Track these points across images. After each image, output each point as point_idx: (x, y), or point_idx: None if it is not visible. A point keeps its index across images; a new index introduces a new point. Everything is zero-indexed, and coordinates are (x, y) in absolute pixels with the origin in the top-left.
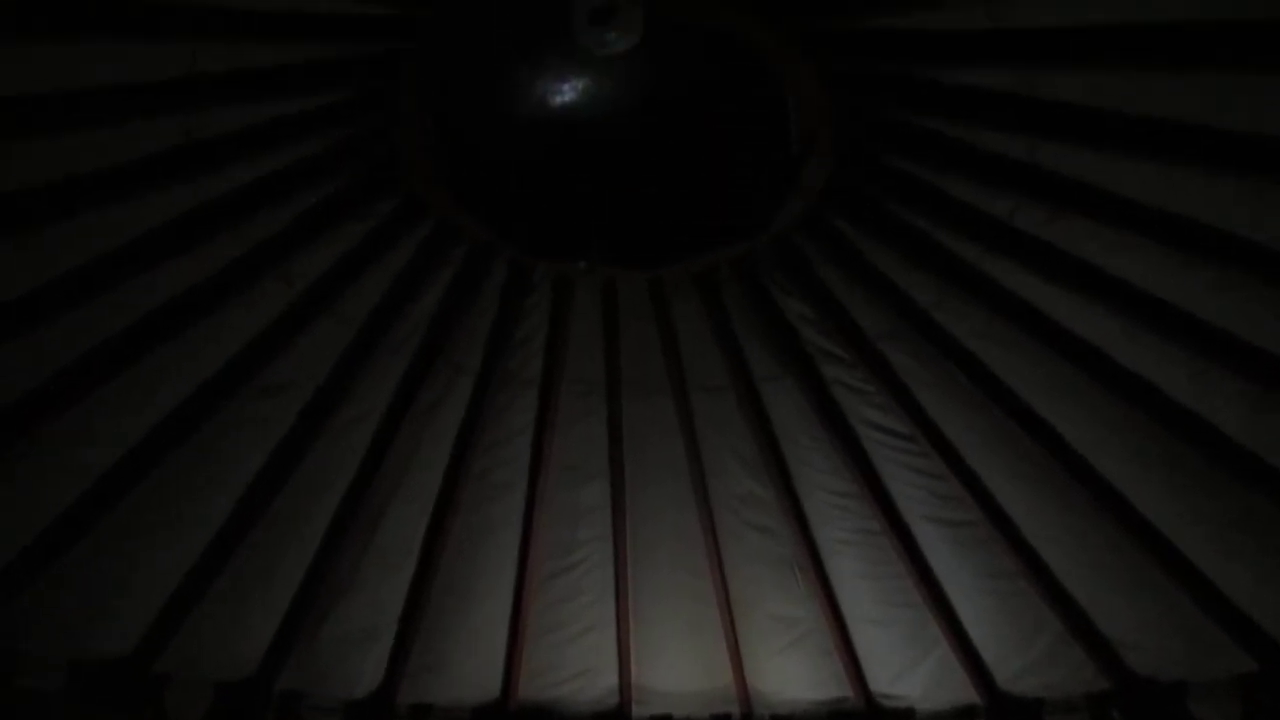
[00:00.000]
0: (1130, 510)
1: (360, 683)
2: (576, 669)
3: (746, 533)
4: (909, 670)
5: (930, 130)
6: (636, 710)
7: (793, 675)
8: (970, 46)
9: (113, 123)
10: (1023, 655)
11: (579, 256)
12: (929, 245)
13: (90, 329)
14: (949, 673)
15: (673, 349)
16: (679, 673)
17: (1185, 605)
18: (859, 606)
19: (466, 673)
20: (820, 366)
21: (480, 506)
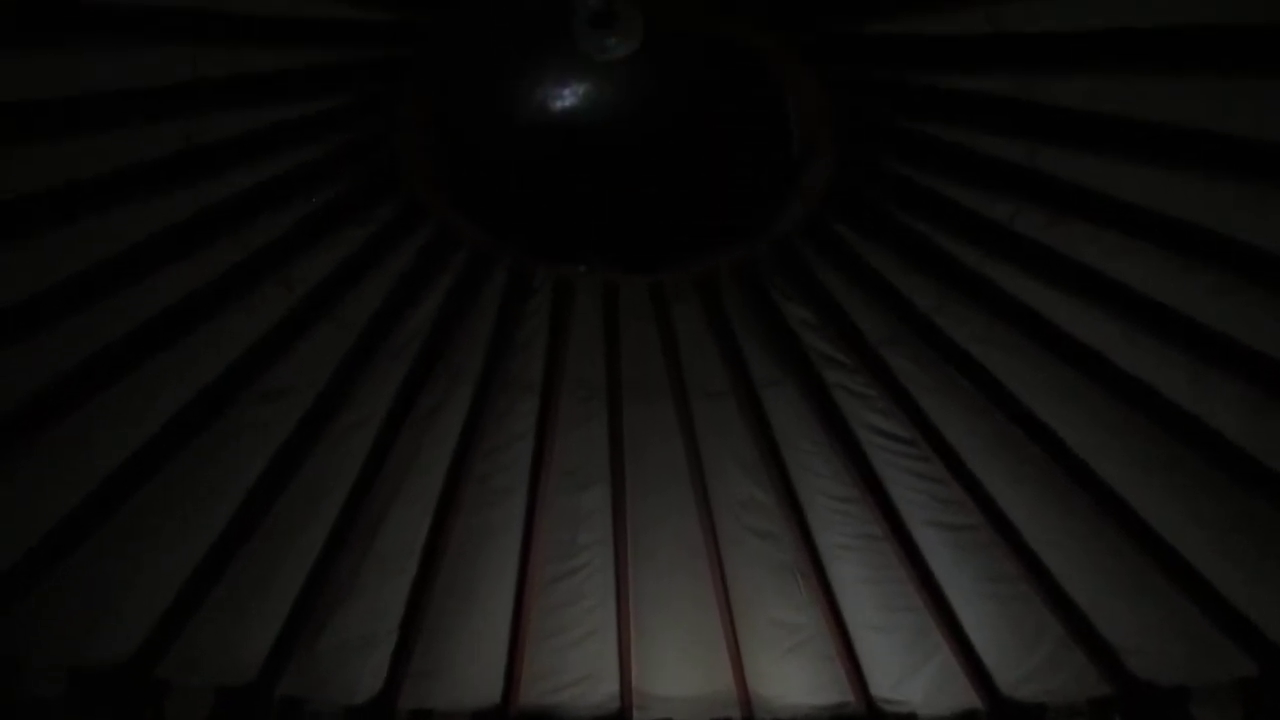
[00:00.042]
0: (1131, 514)
1: (361, 688)
2: (578, 674)
3: (747, 537)
4: (910, 675)
5: (930, 135)
6: (638, 715)
7: (794, 680)
8: (970, 51)
9: (113, 128)
10: (1024, 660)
11: (579, 261)
12: (929, 249)
13: (90, 335)
14: (950, 678)
15: (673, 353)
16: (680, 678)
17: (1186, 609)
18: (860, 611)
19: (467, 678)
20: (821, 371)
21: (481, 511)
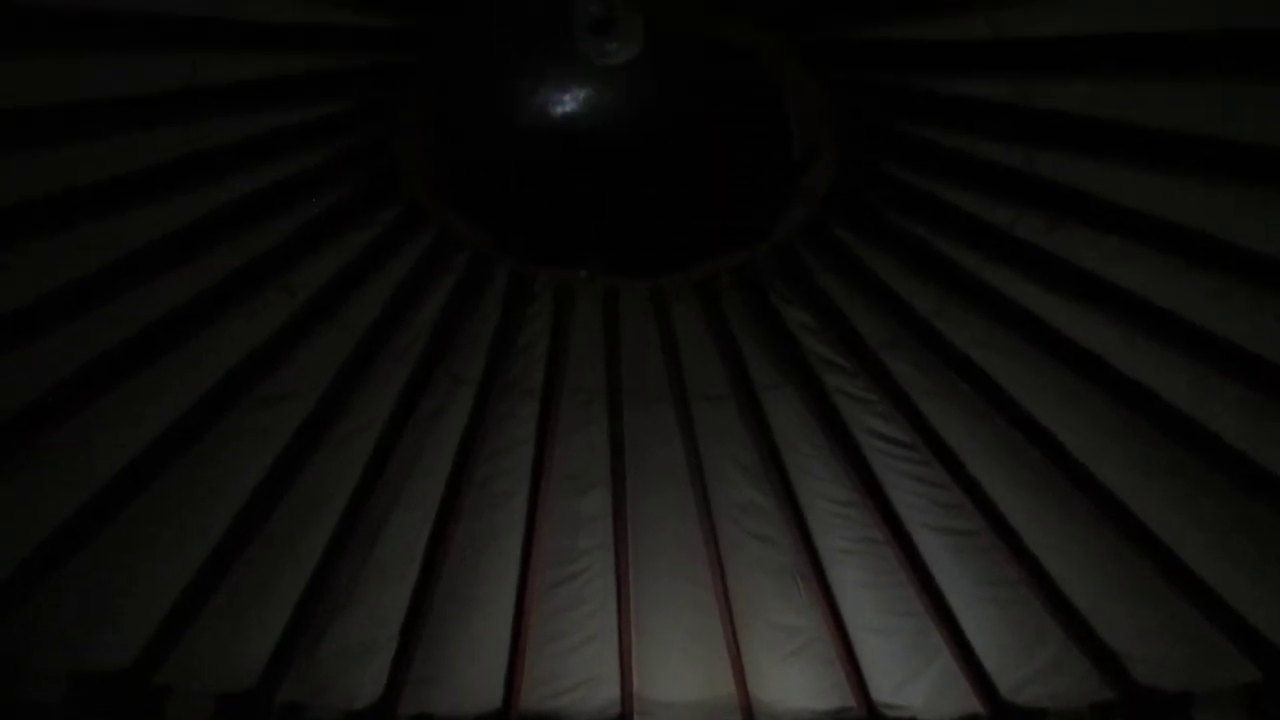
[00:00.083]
0: (1132, 518)
1: (361, 694)
2: (578, 679)
3: (748, 542)
4: (911, 680)
5: (930, 139)
6: None
7: (795, 685)
8: (970, 56)
9: (113, 133)
10: (1026, 665)
11: (580, 265)
12: (930, 254)
13: (90, 340)
14: (951, 682)
15: (674, 357)
16: (681, 682)
17: (1188, 613)
18: (861, 616)
19: (468, 682)
20: (821, 375)
21: (482, 515)
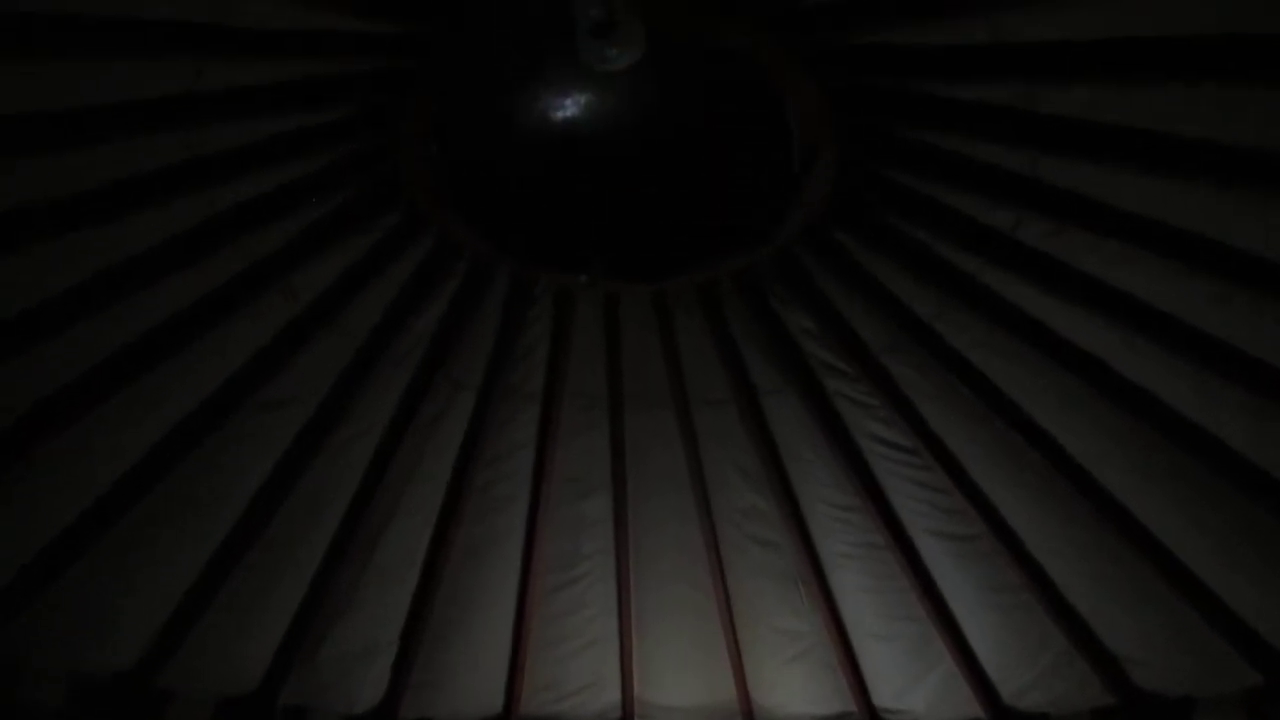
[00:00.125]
0: (1134, 523)
1: (362, 698)
2: (579, 683)
3: (749, 546)
4: (913, 685)
5: (930, 144)
6: None
7: (796, 689)
8: (970, 60)
9: (115, 139)
10: (1028, 670)
11: (581, 270)
12: (930, 257)
13: (92, 345)
14: (953, 688)
15: (674, 362)
16: (682, 687)
17: (1190, 618)
18: (862, 621)
19: (469, 687)
20: (822, 379)
21: (483, 519)
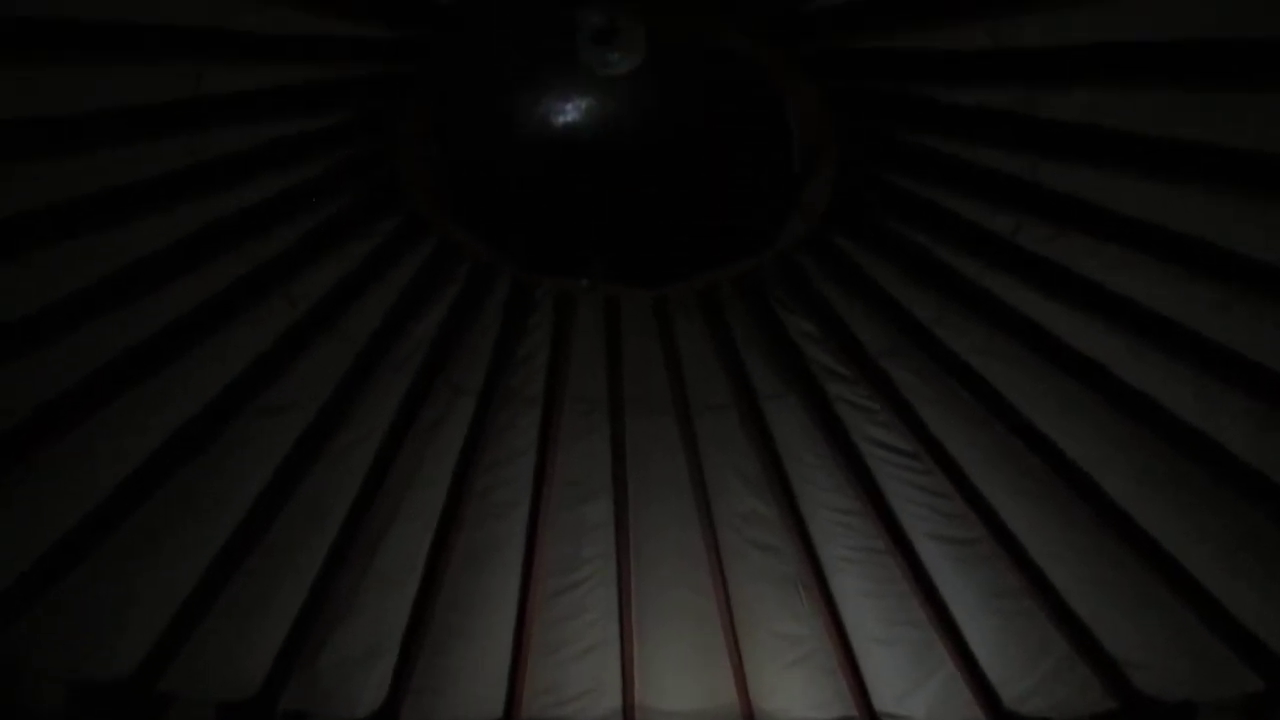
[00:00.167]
0: (1135, 528)
1: (363, 702)
2: (580, 688)
3: (750, 551)
4: (914, 690)
5: (930, 148)
6: None
7: (797, 694)
8: (971, 66)
9: (117, 144)
10: (1029, 675)
11: (581, 274)
12: (930, 262)
13: (93, 350)
14: (954, 692)
15: (675, 367)
16: (683, 692)
17: (1191, 624)
18: (863, 625)
19: (470, 692)
20: (823, 383)
21: (483, 524)
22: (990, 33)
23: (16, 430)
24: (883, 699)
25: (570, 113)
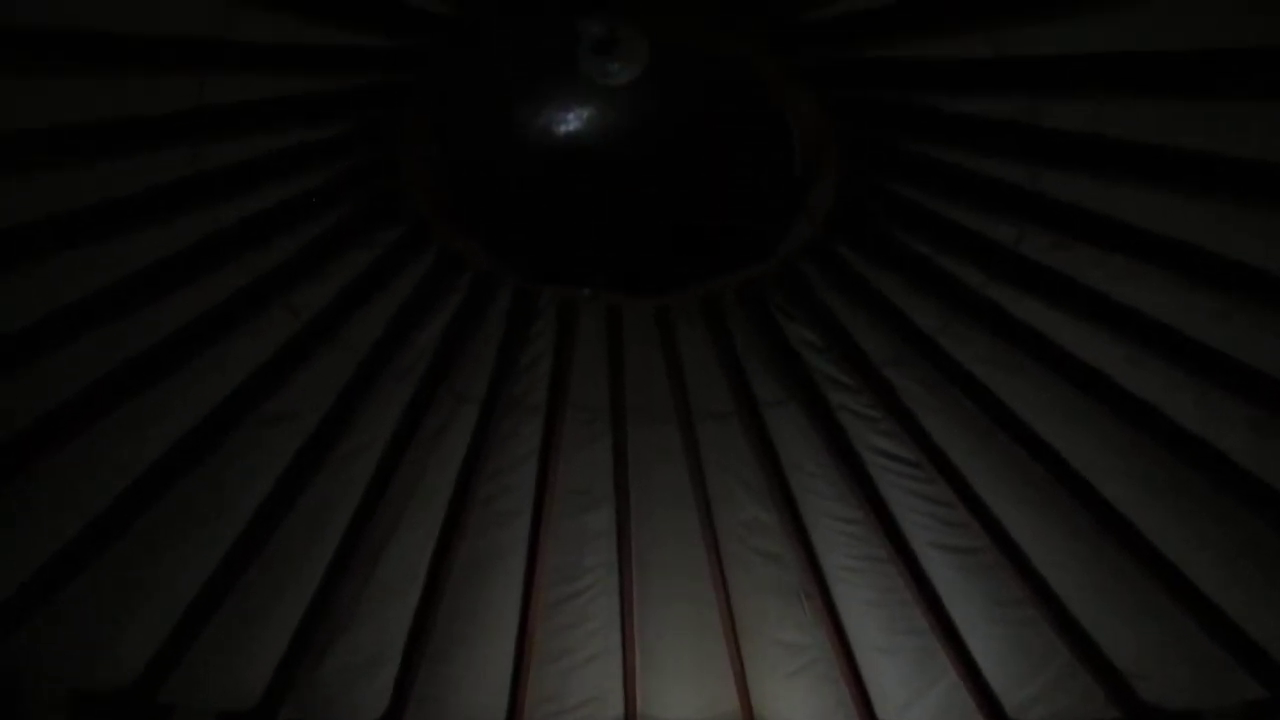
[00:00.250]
0: (1137, 536)
1: (365, 711)
2: (583, 697)
3: (752, 559)
4: (917, 698)
5: (932, 157)
6: None
7: (799, 703)
8: (972, 75)
9: (118, 155)
10: (1031, 683)
11: (584, 283)
12: (933, 271)
13: (93, 361)
14: (957, 701)
15: (678, 375)
16: (685, 700)
17: (1193, 631)
18: (866, 634)
19: (472, 701)
20: (825, 392)
21: (486, 533)
22: (992, 42)
23: (17, 440)
24: (885, 708)
25: (571, 122)
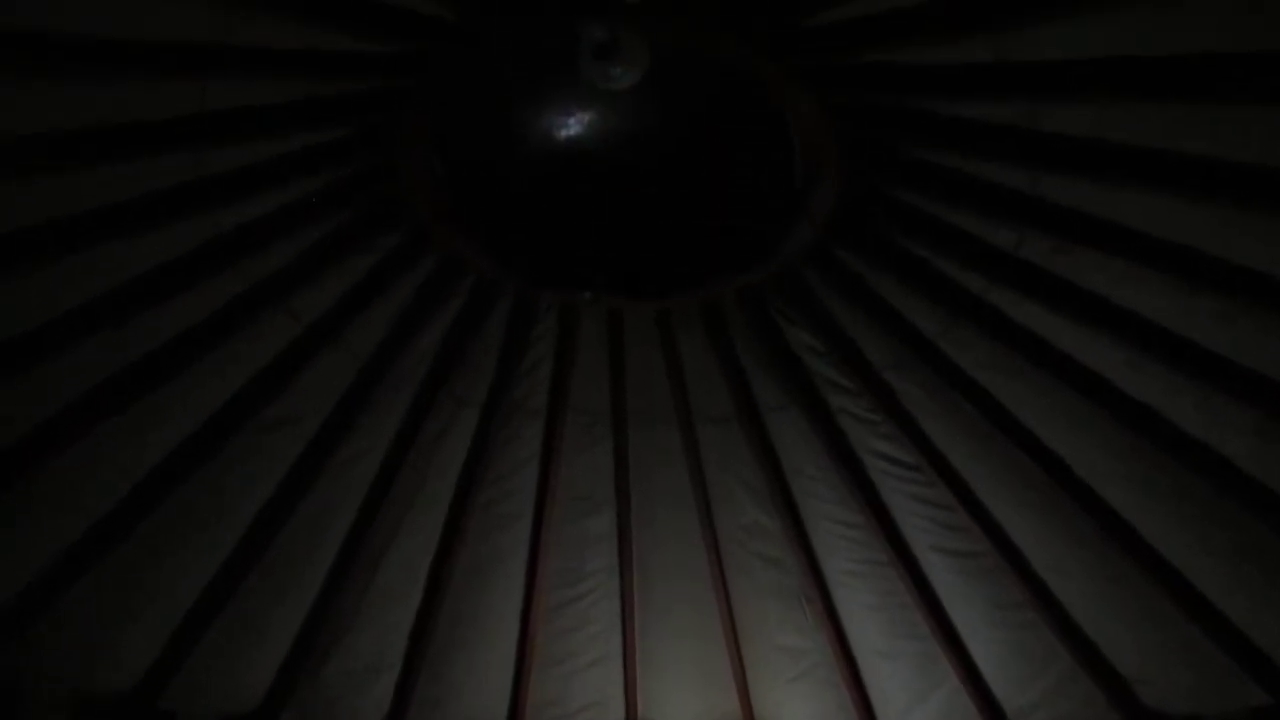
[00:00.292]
0: (1139, 541)
1: (366, 716)
2: (584, 701)
3: (753, 563)
4: (918, 703)
5: (933, 162)
6: None
7: (800, 707)
8: (974, 79)
9: (120, 160)
10: (1032, 688)
11: (585, 288)
12: (933, 275)
13: (94, 365)
14: (958, 706)
15: (678, 379)
16: (686, 704)
17: (1195, 637)
18: (867, 638)
19: (473, 705)
20: (826, 396)
21: (487, 537)
22: (992, 46)
23: (18, 445)
24: (886, 713)
25: (572, 126)
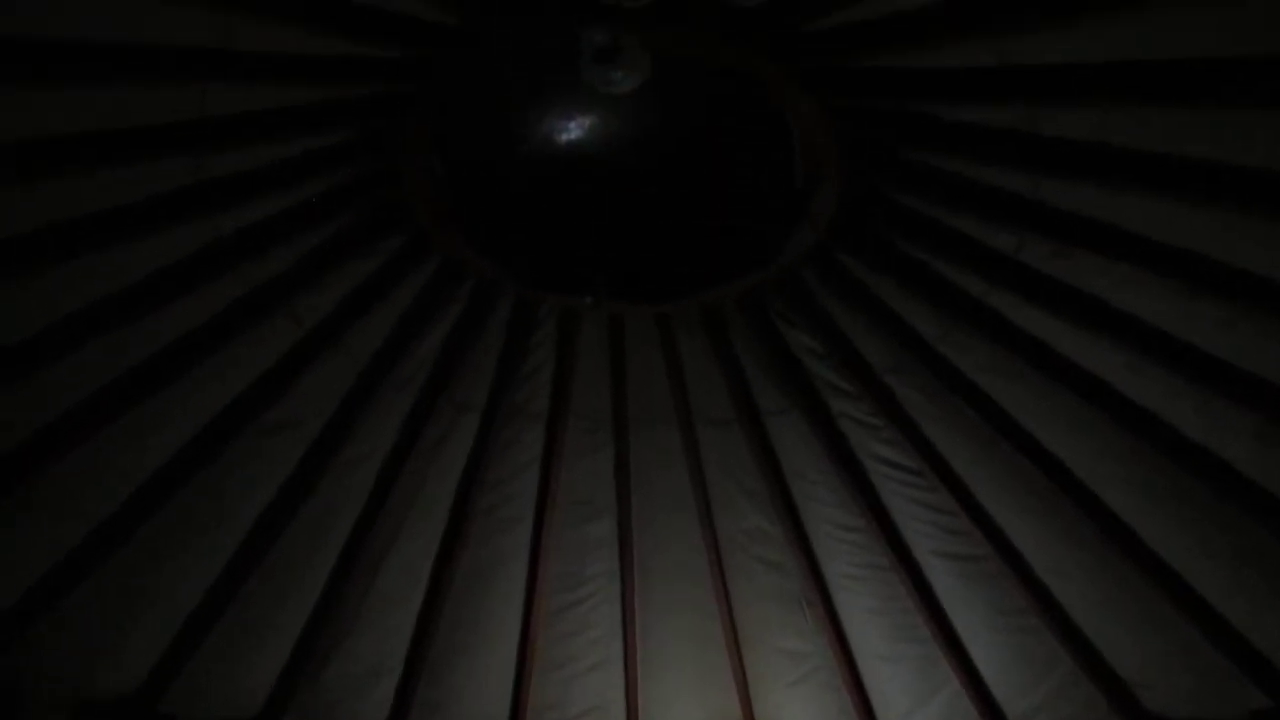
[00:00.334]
0: (1140, 545)
1: (366, 719)
2: (584, 705)
3: (754, 567)
4: (919, 707)
5: (934, 165)
6: None
7: (801, 711)
8: (975, 83)
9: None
10: (1033, 692)
11: (585, 292)
12: (934, 278)
13: (95, 370)
14: (959, 709)
15: (679, 382)
16: (687, 708)
17: (1196, 641)
18: (868, 642)
19: (473, 708)
20: (827, 400)
21: (487, 541)
22: (994, 50)
23: (19, 450)
24: (887, 716)
25: (573, 130)
